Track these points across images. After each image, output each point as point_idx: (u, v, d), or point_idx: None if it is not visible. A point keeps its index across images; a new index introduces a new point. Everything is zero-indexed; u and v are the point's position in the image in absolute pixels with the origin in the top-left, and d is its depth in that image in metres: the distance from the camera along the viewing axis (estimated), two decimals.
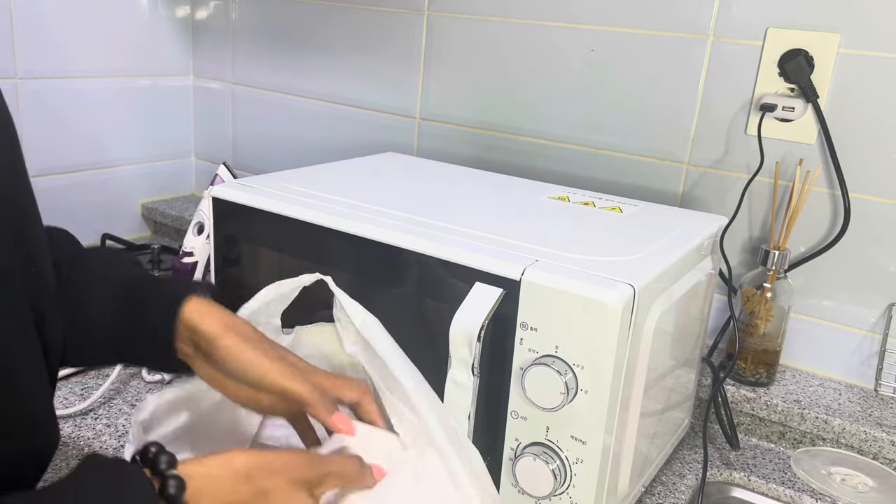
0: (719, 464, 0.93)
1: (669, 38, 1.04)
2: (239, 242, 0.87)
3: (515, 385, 0.68)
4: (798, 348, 1.03)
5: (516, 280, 0.66)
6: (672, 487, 0.88)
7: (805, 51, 0.95)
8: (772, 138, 0.99)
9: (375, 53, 1.30)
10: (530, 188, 0.98)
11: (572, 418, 0.66)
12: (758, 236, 1.03)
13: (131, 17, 1.42)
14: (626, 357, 0.66)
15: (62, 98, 1.34)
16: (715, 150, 1.04)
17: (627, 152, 1.10)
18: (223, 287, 0.89)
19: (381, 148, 1.30)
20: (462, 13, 1.20)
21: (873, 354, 0.99)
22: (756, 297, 0.98)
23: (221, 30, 1.49)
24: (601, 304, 0.63)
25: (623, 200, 0.95)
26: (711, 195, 1.05)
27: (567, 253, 0.71)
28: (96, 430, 0.89)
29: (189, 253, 0.97)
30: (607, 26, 1.08)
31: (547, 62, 1.14)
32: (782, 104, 0.97)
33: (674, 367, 0.83)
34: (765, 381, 1.00)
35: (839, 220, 0.97)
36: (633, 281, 0.66)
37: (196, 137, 1.59)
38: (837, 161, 0.95)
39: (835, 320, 1.01)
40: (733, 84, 1.01)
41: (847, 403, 0.96)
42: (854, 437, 0.92)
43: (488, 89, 1.20)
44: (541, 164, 1.17)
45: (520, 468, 0.69)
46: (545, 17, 1.12)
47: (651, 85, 1.06)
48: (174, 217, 1.51)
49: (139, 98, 1.47)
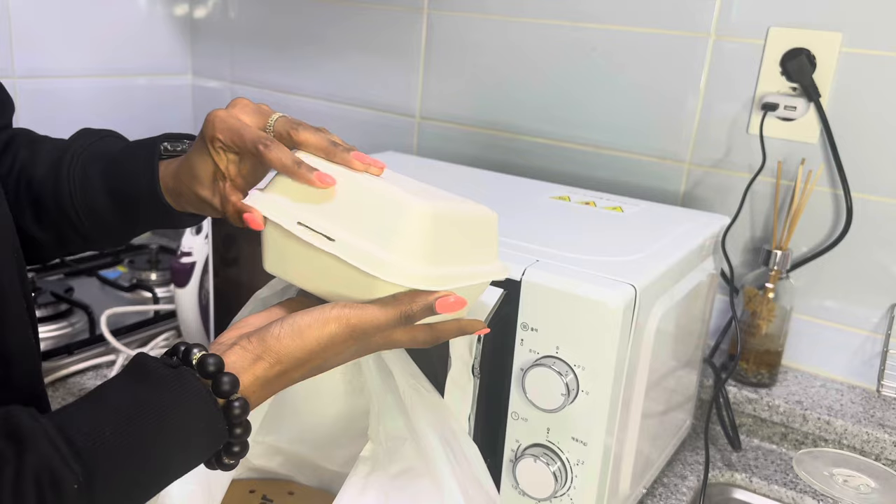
0: (721, 465, 0.93)
1: (671, 36, 1.03)
2: (238, 242, 0.86)
3: (516, 386, 0.68)
4: (800, 349, 1.03)
5: (517, 280, 0.66)
6: (673, 489, 0.87)
7: (807, 50, 0.95)
8: (774, 138, 0.99)
9: (375, 52, 1.29)
10: (531, 188, 0.98)
11: (573, 419, 0.66)
12: (760, 236, 1.02)
13: (130, 16, 1.42)
14: (628, 358, 0.66)
15: (60, 97, 1.33)
16: (717, 149, 1.03)
17: (629, 151, 1.10)
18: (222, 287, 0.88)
19: (381, 147, 1.29)
20: (462, 12, 1.19)
21: (875, 355, 0.98)
22: (758, 298, 0.98)
23: (220, 28, 1.48)
24: (602, 304, 0.62)
25: (624, 200, 0.94)
26: (713, 195, 1.04)
27: (568, 253, 0.70)
28: None
29: (187, 253, 0.97)
30: (609, 25, 1.07)
31: (548, 61, 1.13)
32: (784, 103, 0.96)
33: (675, 367, 0.83)
34: (767, 382, 0.99)
35: (841, 219, 0.96)
36: (635, 281, 0.65)
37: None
38: (840, 160, 0.95)
39: (837, 321, 1.00)
40: (735, 83, 1.00)
41: (849, 404, 0.96)
42: (856, 438, 0.92)
43: (489, 88, 1.19)
44: (541, 163, 1.17)
45: (520, 470, 0.68)
46: (546, 15, 1.12)
47: (652, 84, 1.06)
48: None
49: (138, 97, 1.46)
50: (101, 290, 1.24)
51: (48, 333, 1.05)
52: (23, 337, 0.56)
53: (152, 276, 1.26)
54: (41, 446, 0.39)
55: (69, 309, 1.11)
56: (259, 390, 0.48)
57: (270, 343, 0.48)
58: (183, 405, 0.44)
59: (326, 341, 0.49)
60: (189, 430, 0.44)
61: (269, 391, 0.49)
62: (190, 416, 0.44)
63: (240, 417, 0.46)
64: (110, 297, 1.20)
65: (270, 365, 0.48)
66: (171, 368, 0.45)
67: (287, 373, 0.49)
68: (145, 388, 0.44)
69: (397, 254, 0.48)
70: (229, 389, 0.45)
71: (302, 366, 0.49)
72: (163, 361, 0.46)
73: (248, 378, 0.47)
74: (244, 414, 0.46)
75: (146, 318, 1.12)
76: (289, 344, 0.48)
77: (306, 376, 0.51)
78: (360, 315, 0.49)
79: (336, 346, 0.49)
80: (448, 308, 0.50)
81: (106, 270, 1.30)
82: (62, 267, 1.29)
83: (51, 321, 1.07)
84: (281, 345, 0.48)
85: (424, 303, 0.50)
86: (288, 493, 0.78)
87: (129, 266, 1.30)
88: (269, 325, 0.49)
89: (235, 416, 0.45)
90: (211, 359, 0.45)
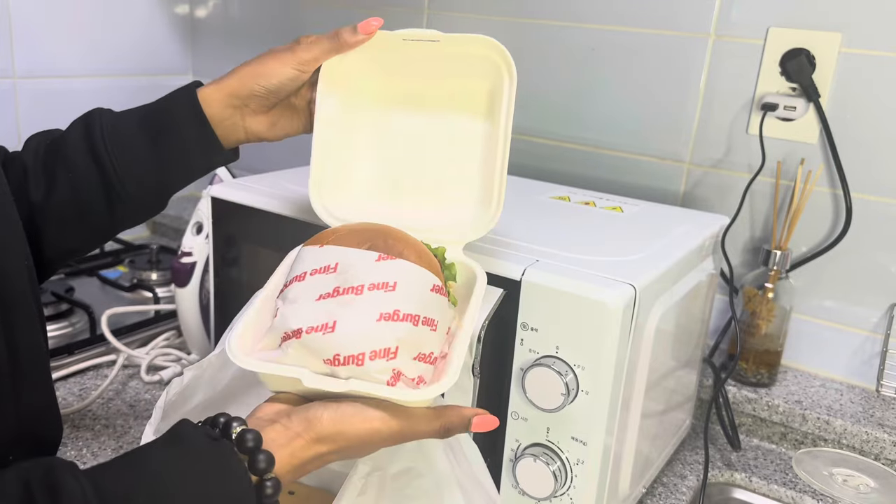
0: (720, 465, 0.93)
1: (671, 37, 1.03)
2: (238, 242, 0.86)
3: (516, 386, 0.68)
4: (799, 349, 1.03)
5: (517, 280, 0.66)
6: (673, 488, 0.87)
7: (806, 50, 0.95)
8: (773, 138, 0.99)
9: None
10: (531, 187, 0.98)
11: (573, 419, 0.66)
12: (759, 236, 1.02)
13: (130, 16, 1.42)
14: (627, 358, 0.66)
15: (60, 97, 1.33)
16: (716, 149, 1.03)
17: (628, 152, 1.10)
18: (222, 287, 0.88)
19: None
20: (462, 12, 1.19)
21: (875, 355, 0.98)
22: (757, 298, 0.98)
23: (221, 28, 1.48)
24: (602, 304, 0.62)
25: (624, 200, 0.94)
26: (713, 195, 1.05)
27: (568, 253, 0.70)
28: (95, 430, 0.89)
29: (188, 253, 0.97)
30: (608, 25, 1.07)
31: (548, 61, 1.13)
32: (784, 103, 0.96)
33: (675, 367, 0.83)
34: (766, 382, 0.99)
35: (841, 219, 0.96)
36: (634, 281, 0.65)
37: None
38: (839, 161, 0.95)
39: (836, 321, 1.00)
40: (735, 83, 1.00)
41: (848, 404, 0.96)
42: (856, 438, 0.92)
43: None
44: (541, 163, 1.17)
45: (520, 469, 0.68)
46: (546, 15, 1.12)
47: (652, 84, 1.06)
48: (173, 217, 1.50)
49: (138, 97, 1.44)
50: (102, 290, 1.24)
51: (49, 333, 1.05)
52: (34, 343, 0.56)
53: (153, 275, 1.26)
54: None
55: (70, 309, 1.12)
56: (293, 470, 0.48)
57: (313, 423, 0.48)
58: (218, 481, 0.44)
59: (366, 436, 0.49)
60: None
61: (301, 472, 0.49)
62: (223, 493, 0.44)
63: (271, 497, 0.46)
64: (111, 297, 1.20)
65: (308, 444, 0.48)
66: (212, 441, 0.45)
67: (322, 456, 0.49)
68: (185, 459, 0.44)
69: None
70: (265, 468, 0.45)
71: (337, 452, 0.49)
72: (204, 432, 0.46)
73: (284, 455, 0.47)
74: (275, 494, 0.46)
75: (147, 317, 1.13)
76: (329, 427, 0.48)
77: (334, 460, 0.51)
78: (401, 422, 0.50)
79: (374, 443, 0.50)
80: (484, 426, 0.53)
81: (106, 270, 1.30)
82: (63, 267, 1.29)
83: (51, 321, 1.07)
84: (322, 426, 0.48)
85: (462, 419, 0.53)
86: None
87: (130, 266, 1.30)
88: (311, 406, 0.49)
89: (267, 497, 0.45)
90: (250, 434, 0.45)
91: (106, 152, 0.63)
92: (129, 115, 0.66)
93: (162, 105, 0.66)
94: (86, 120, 0.65)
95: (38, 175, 0.63)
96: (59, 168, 0.63)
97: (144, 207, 0.68)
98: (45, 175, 0.63)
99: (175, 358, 1.05)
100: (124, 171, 0.63)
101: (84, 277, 1.27)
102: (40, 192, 0.63)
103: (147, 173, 0.65)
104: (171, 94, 0.66)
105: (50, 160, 0.64)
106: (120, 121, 0.65)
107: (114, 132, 0.64)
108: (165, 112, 0.65)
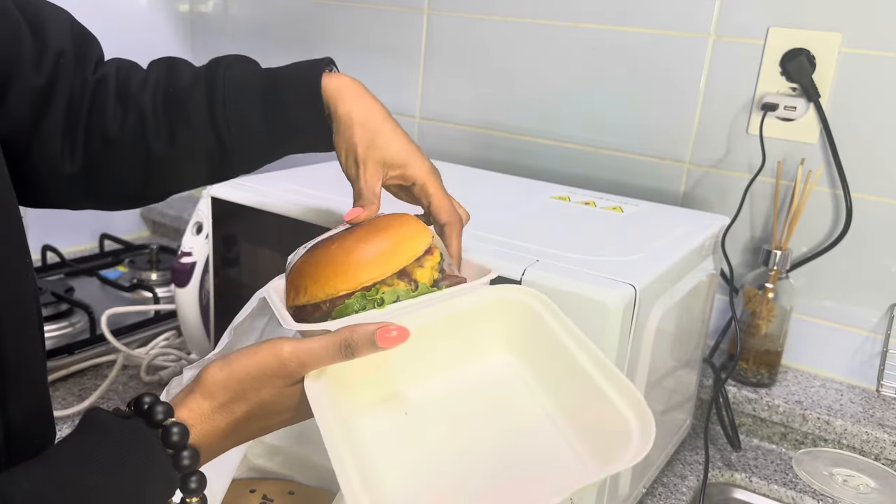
0: (721, 465, 0.93)
1: (671, 37, 1.03)
2: (238, 242, 0.86)
3: None
4: (800, 349, 1.03)
5: (517, 280, 0.66)
6: (673, 489, 0.87)
7: (806, 50, 0.95)
8: (773, 138, 0.99)
9: (375, 52, 1.29)
10: (531, 188, 0.98)
11: None
12: (759, 236, 1.02)
13: (131, 12, 1.42)
14: (628, 357, 0.66)
15: None
16: (716, 149, 1.03)
17: (628, 152, 1.10)
18: (222, 287, 0.88)
19: None
20: (462, 12, 1.19)
21: (875, 355, 0.98)
22: (758, 298, 0.98)
23: (221, 25, 1.48)
24: (602, 304, 0.62)
25: (624, 200, 0.94)
26: (713, 195, 1.04)
27: (568, 253, 0.70)
28: None
29: (188, 253, 0.97)
30: (608, 25, 1.07)
31: (548, 61, 1.13)
32: (784, 104, 0.96)
33: (675, 367, 0.83)
34: (766, 382, 0.99)
35: (841, 220, 0.96)
36: (635, 281, 0.65)
37: None
38: (839, 161, 0.95)
39: (836, 321, 1.00)
40: (735, 83, 1.00)
41: (849, 404, 0.96)
42: (856, 438, 0.92)
43: (489, 88, 1.20)
44: (541, 163, 1.17)
45: None
46: (546, 16, 1.12)
47: (652, 84, 1.06)
48: (173, 217, 1.50)
49: None
50: (102, 290, 1.24)
51: (49, 333, 1.05)
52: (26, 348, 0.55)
53: (153, 276, 1.26)
54: None
55: (70, 309, 1.12)
56: (198, 424, 0.47)
57: (203, 378, 0.48)
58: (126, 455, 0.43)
59: (256, 371, 0.47)
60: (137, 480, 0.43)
61: (211, 426, 0.48)
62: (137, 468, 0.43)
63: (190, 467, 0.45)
64: (111, 297, 1.20)
65: (203, 398, 0.47)
66: (122, 420, 0.45)
67: (226, 407, 0.48)
68: (89, 442, 0.44)
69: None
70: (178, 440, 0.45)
71: (239, 398, 0.48)
72: (114, 413, 0.46)
73: (183, 413, 0.46)
74: (193, 464, 0.45)
75: (146, 318, 1.13)
76: (217, 374, 0.48)
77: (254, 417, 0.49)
78: (294, 343, 0.48)
79: (270, 376, 0.48)
80: (391, 342, 0.47)
81: (106, 270, 1.30)
82: (62, 267, 1.29)
83: (51, 321, 1.07)
84: (211, 376, 0.48)
85: (365, 333, 0.47)
86: (288, 493, 0.78)
87: (130, 266, 1.30)
88: (204, 365, 0.49)
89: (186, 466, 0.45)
90: (160, 407, 0.45)
91: (225, 122, 0.63)
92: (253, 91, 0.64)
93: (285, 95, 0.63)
94: (210, 78, 0.65)
95: (160, 123, 0.63)
96: (180, 123, 0.63)
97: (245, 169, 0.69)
98: (166, 125, 0.63)
99: (175, 358, 1.05)
100: (237, 143, 0.64)
101: (84, 277, 1.27)
102: (161, 142, 0.63)
103: (259, 146, 0.65)
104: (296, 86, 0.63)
105: (171, 111, 0.63)
106: (242, 94, 0.63)
107: (236, 102, 0.63)
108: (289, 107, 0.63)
